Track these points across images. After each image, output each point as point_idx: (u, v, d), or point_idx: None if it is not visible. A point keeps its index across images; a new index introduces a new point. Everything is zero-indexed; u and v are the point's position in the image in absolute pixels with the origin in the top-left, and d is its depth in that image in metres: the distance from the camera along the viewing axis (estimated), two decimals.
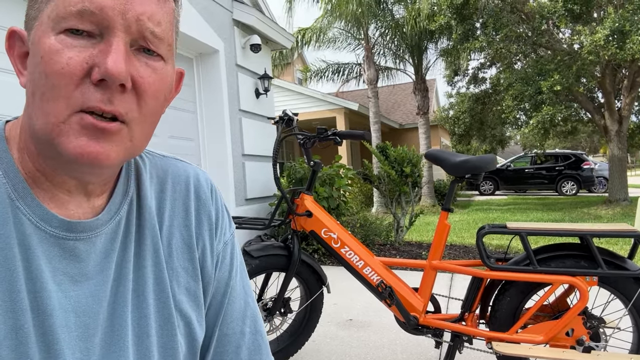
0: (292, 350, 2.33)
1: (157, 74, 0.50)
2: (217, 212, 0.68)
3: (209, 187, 0.68)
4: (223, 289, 0.67)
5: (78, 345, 0.50)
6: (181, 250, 0.62)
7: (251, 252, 2.15)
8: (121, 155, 0.49)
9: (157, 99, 0.51)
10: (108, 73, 0.44)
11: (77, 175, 0.51)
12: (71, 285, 0.51)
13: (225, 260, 0.68)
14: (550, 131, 10.73)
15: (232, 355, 0.67)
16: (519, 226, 1.89)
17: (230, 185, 5.04)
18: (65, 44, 0.45)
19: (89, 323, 0.51)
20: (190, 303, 0.62)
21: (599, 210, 9.39)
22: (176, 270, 0.61)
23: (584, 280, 1.79)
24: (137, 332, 0.56)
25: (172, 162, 0.67)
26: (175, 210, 0.63)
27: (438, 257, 2.02)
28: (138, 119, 0.49)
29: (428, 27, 10.18)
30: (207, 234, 0.65)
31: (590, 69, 8.31)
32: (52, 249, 0.50)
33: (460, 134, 15.29)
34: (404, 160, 5.65)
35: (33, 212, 0.49)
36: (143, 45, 0.49)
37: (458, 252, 5.29)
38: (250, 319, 0.69)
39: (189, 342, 0.61)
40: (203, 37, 4.70)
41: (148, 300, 0.57)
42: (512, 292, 1.89)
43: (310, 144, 2.17)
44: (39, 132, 0.47)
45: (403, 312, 2.00)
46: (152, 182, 0.62)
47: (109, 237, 0.55)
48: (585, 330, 1.82)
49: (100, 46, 0.46)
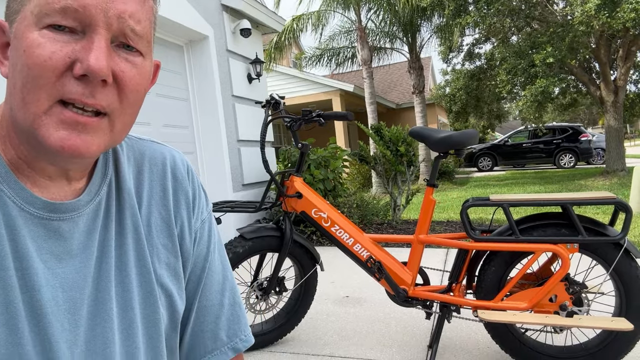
0: (288, 328, 2.40)
1: (137, 69, 0.53)
2: (194, 192, 0.71)
3: (185, 167, 0.71)
4: (201, 264, 0.71)
5: (67, 317, 0.54)
6: (160, 228, 0.66)
7: (244, 234, 2.21)
8: (102, 147, 0.52)
9: (138, 92, 0.54)
10: (90, 69, 0.47)
11: (58, 163, 0.54)
12: (57, 263, 0.54)
13: (203, 237, 0.71)
14: (548, 104, 10.72)
15: (211, 325, 0.71)
16: (501, 198, 1.94)
17: (227, 171, 5.09)
18: (48, 39, 0.47)
19: (75, 297, 0.55)
20: (170, 277, 0.65)
21: (597, 182, 9.43)
22: (156, 247, 0.65)
23: (565, 248, 1.85)
24: (121, 305, 0.59)
25: (149, 145, 0.70)
26: (153, 190, 0.66)
27: (425, 232, 2.07)
28: (119, 111, 0.52)
29: (420, 4, 10.08)
30: (185, 212, 0.69)
31: (583, 39, 8.26)
32: (37, 229, 0.53)
33: (457, 112, 15.26)
34: (399, 139, 5.68)
35: (17, 195, 0.52)
36: (123, 42, 0.51)
37: (455, 228, 5.35)
38: (229, 292, 0.73)
39: (170, 313, 0.65)
40: (192, 24, 4.69)
41: (130, 275, 0.61)
42: (496, 262, 1.95)
43: (296, 126, 2.21)
44: (20, 122, 0.50)
45: (392, 285, 2.07)
46: (129, 164, 0.65)
47: (91, 216, 0.59)
48: (567, 295, 1.89)
49: (82, 42, 0.48)
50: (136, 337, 0.60)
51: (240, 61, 5.62)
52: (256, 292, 2.33)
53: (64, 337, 0.53)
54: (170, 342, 0.66)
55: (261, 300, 2.34)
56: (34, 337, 0.51)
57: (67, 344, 0.53)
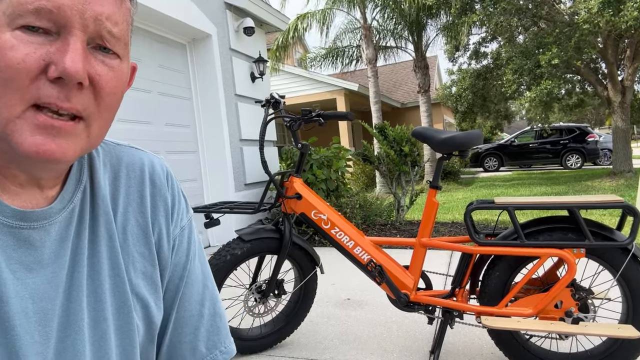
0: (288, 331, 2.36)
1: (114, 72, 0.51)
2: (173, 198, 0.69)
3: (165, 173, 0.69)
4: (180, 273, 0.68)
5: (37, 329, 0.52)
6: (137, 235, 0.63)
7: (243, 236, 2.17)
8: (78, 152, 0.50)
9: (115, 95, 0.52)
10: (66, 72, 0.45)
11: (31, 170, 0.52)
12: (27, 273, 0.52)
13: (183, 244, 0.69)
14: (554, 105, 10.61)
15: (190, 336, 0.68)
16: (506, 201, 1.89)
17: (229, 170, 5.05)
18: (21, 40, 0.45)
19: (47, 308, 0.53)
20: (147, 287, 0.63)
21: (603, 183, 9.34)
22: (132, 255, 0.62)
23: (571, 253, 1.79)
24: (93, 316, 0.57)
25: (127, 150, 0.67)
26: (130, 197, 0.64)
27: (427, 235, 2.02)
28: (95, 115, 0.51)
29: (426, 2, 10.01)
30: (163, 219, 0.66)
31: (589, 39, 8.16)
32: (6, 238, 0.51)
33: (463, 111, 15.16)
34: (403, 139, 5.63)
35: None
36: (100, 44, 0.50)
37: (460, 230, 5.29)
38: (209, 302, 0.71)
39: (147, 324, 0.63)
40: (195, 22, 4.67)
41: (103, 284, 0.58)
42: (501, 266, 1.90)
43: (296, 126, 2.16)
44: None
45: (393, 290, 2.02)
46: (105, 170, 0.63)
47: (63, 224, 0.56)
48: (573, 301, 1.83)
49: (56, 44, 0.46)
50: (109, 349, 0.58)
51: (243, 60, 5.58)
52: (255, 295, 2.29)
53: (34, 350, 0.51)
54: (147, 354, 0.64)
55: (260, 303, 2.30)
56: (1, 352, 0.49)
57: (37, 356, 0.51)
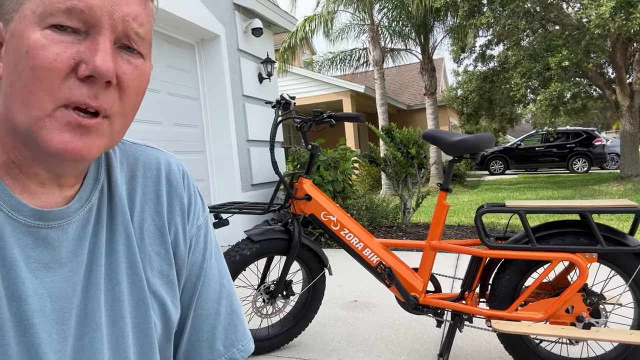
0: (295, 332, 2.36)
1: (138, 71, 0.52)
2: (189, 197, 0.69)
3: (181, 172, 0.69)
4: (197, 272, 0.69)
5: (55, 328, 0.52)
6: (153, 235, 0.64)
7: (252, 237, 2.17)
8: (102, 149, 0.51)
9: (138, 94, 0.54)
10: (97, 70, 0.46)
11: (54, 168, 0.52)
12: (45, 272, 0.52)
13: (199, 243, 0.69)
14: (560, 108, 10.56)
15: (207, 334, 0.69)
16: (517, 204, 1.88)
17: (236, 171, 5.06)
18: (52, 40, 0.46)
19: (64, 307, 0.53)
20: (164, 286, 0.63)
21: (610, 187, 9.28)
22: (149, 255, 0.63)
23: (583, 257, 1.78)
24: (111, 314, 0.58)
25: (143, 150, 0.68)
26: (147, 196, 0.65)
27: (437, 237, 2.02)
28: (120, 113, 0.52)
29: (433, 5, 9.99)
30: (180, 218, 0.67)
31: (599, 43, 8.11)
32: (25, 237, 0.52)
33: (468, 114, 15.11)
34: (410, 141, 5.62)
35: (5, 203, 0.51)
36: (126, 44, 0.51)
37: (466, 233, 5.28)
38: (225, 300, 0.71)
39: (164, 322, 0.63)
40: (204, 23, 4.68)
41: (121, 283, 0.59)
42: (511, 270, 1.89)
43: (307, 127, 2.16)
44: (19, 124, 0.48)
45: (403, 292, 2.01)
46: (122, 169, 0.64)
47: (81, 224, 0.57)
48: (585, 307, 1.82)
49: (86, 43, 0.47)
50: (126, 347, 0.58)
51: (251, 60, 5.59)
52: (263, 296, 2.28)
53: (52, 348, 0.52)
54: (165, 352, 0.64)
55: (268, 304, 2.30)
56: (20, 349, 0.49)
57: (56, 355, 0.52)
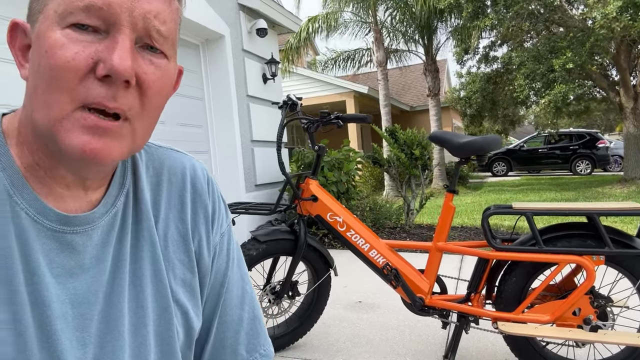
0: (300, 332, 2.36)
1: (161, 71, 0.51)
2: (213, 204, 0.68)
3: (206, 178, 0.68)
4: (221, 280, 0.68)
5: (75, 335, 0.51)
6: (177, 242, 0.63)
7: (258, 237, 2.17)
8: (124, 152, 0.50)
9: (160, 96, 0.52)
10: (114, 69, 0.45)
11: (77, 170, 0.52)
12: (68, 278, 0.52)
13: (222, 251, 0.69)
14: (563, 110, 10.54)
15: (231, 340, 0.69)
16: (524, 206, 1.88)
17: (240, 171, 5.06)
18: (71, 39, 0.45)
19: (85, 313, 0.52)
20: (186, 294, 0.63)
21: (614, 189, 9.25)
22: (172, 262, 0.62)
23: (590, 260, 1.78)
24: (134, 322, 0.57)
25: (169, 153, 0.67)
26: (171, 202, 0.64)
27: (443, 239, 2.01)
28: (140, 115, 0.50)
29: (437, 6, 9.98)
30: (204, 226, 0.66)
31: (604, 44, 8.10)
32: (49, 242, 0.51)
33: (472, 115, 15.10)
34: (414, 142, 5.61)
35: (30, 206, 0.50)
36: (147, 43, 0.49)
37: (469, 234, 5.27)
38: (248, 306, 0.71)
39: (186, 331, 0.62)
40: (209, 23, 4.68)
41: (145, 290, 0.58)
42: (518, 272, 1.89)
43: (314, 128, 2.16)
44: (40, 125, 0.48)
45: (409, 294, 2.01)
46: (148, 174, 0.63)
47: (106, 229, 0.56)
48: (592, 309, 1.82)
49: (105, 42, 0.46)
50: (148, 356, 0.58)
51: (255, 61, 5.60)
52: (269, 296, 2.29)
53: (73, 355, 0.51)
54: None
55: (273, 305, 2.30)
56: (43, 355, 0.49)
57: None
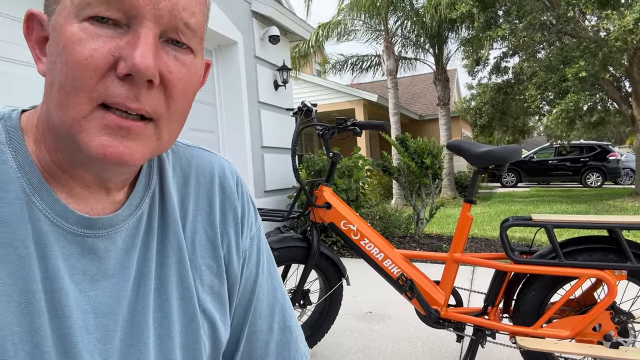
0: (311, 342, 2.32)
1: (187, 69, 0.46)
2: (242, 206, 0.64)
3: (235, 179, 0.65)
4: (251, 287, 0.64)
5: (97, 347, 0.47)
6: (205, 247, 0.59)
7: (270, 244, 2.14)
8: (146, 155, 0.46)
9: (186, 95, 0.47)
10: (135, 68, 0.41)
11: (98, 172, 0.48)
12: (90, 285, 0.48)
13: (252, 256, 0.65)
14: (576, 121, 10.46)
15: (260, 351, 0.65)
16: (544, 218, 1.84)
17: (250, 177, 5.05)
18: (90, 33, 0.41)
19: (108, 324, 0.49)
20: (214, 302, 0.58)
21: (625, 203, 9.14)
22: (199, 268, 0.58)
23: (612, 274, 1.73)
24: (159, 334, 0.53)
25: (197, 152, 0.63)
26: (199, 204, 0.60)
27: (460, 250, 1.98)
28: (166, 116, 0.46)
29: (449, 16, 9.98)
30: (233, 230, 0.62)
31: (617, 56, 8.04)
32: (70, 246, 0.47)
33: (482, 125, 15.03)
34: (424, 151, 5.57)
35: (50, 208, 0.46)
36: (173, 37, 0.45)
37: (480, 245, 5.21)
38: (278, 315, 0.66)
39: (213, 342, 0.58)
40: (222, 29, 4.70)
41: (171, 299, 0.54)
42: (537, 286, 1.84)
43: (329, 134, 2.14)
44: (57, 126, 0.44)
45: (424, 306, 1.97)
46: (175, 174, 0.59)
47: (130, 233, 0.52)
48: (613, 325, 1.77)
49: (127, 37, 0.42)
50: None
51: (267, 68, 5.61)
52: None
53: None
54: None
55: None
56: None
57: None
